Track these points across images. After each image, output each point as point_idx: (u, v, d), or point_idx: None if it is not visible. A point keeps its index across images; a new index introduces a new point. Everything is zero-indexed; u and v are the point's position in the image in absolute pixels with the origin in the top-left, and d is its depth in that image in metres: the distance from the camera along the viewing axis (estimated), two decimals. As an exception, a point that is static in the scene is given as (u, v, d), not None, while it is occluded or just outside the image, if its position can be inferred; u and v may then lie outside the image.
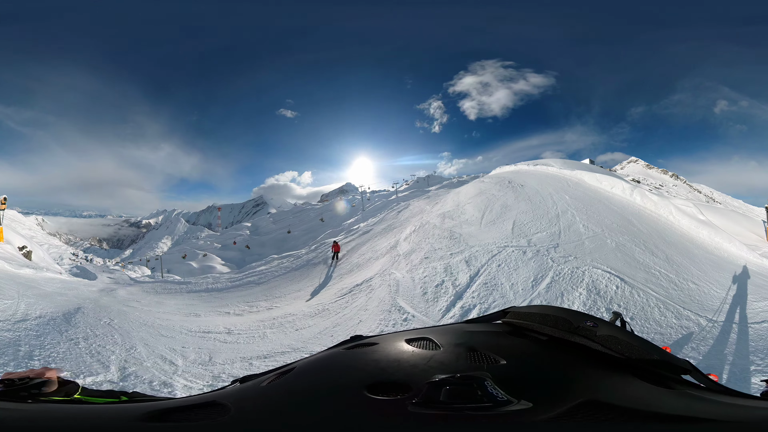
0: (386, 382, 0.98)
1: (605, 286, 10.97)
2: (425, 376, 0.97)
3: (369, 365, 1.12)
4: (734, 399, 1.04)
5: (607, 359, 1.17)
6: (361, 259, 20.49)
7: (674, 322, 9.08)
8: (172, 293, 20.08)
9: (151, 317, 13.95)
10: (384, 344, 1.25)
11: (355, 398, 0.93)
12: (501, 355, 1.10)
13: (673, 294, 10.51)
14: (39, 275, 20.06)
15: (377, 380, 0.99)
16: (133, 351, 10.12)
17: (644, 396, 0.99)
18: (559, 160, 30.48)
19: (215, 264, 60.42)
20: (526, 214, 18.18)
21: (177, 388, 7.98)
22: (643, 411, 0.88)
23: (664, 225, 16.72)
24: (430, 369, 1.04)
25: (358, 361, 1.19)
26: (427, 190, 51.01)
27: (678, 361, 1.22)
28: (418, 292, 12.86)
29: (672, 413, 0.90)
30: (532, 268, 12.75)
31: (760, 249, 15.40)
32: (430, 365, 1.06)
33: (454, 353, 1.14)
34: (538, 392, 0.93)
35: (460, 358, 1.10)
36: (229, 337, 11.93)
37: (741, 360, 7.35)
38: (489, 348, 1.14)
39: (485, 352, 1.12)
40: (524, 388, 0.93)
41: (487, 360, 1.09)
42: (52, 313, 12.33)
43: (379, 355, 1.17)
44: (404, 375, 1.01)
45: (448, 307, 11.47)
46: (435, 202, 28.95)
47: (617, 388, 1.02)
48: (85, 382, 7.46)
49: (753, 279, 11.82)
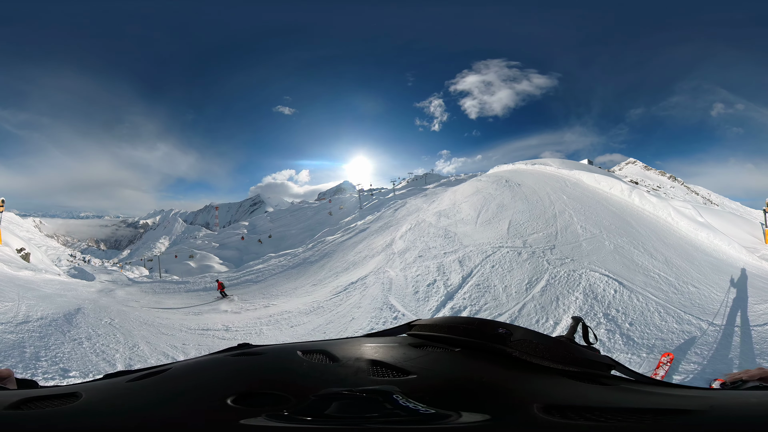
0: (259, 393, 0.90)
1: (603, 290, 10.69)
2: (313, 388, 0.90)
3: (245, 373, 1.06)
4: (671, 390, 1.05)
5: (528, 364, 1.11)
6: (358, 257, 20.47)
7: (676, 327, 8.83)
8: (170, 293, 20.62)
9: (151, 316, 14.26)
10: (272, 354, 1.20)
11: (211, 405, 0.87)
12: (409, 368, 1.00)
13: (673, 298, 10.28)
14: (38, 277, 20.39)
15: (249, 390, 0.92)
16: (136, 349, 10.37)
17: (589, 394, 0.96)
18: (557, 160, 30.39)
19: (213, 263, 60.62)
20: (523, 214, 17.97)
21: None
22: (600, 407, 0.84)
23: (663, 227, 16.56)
24: (322, 382, 0.95)
25: (235, 368, 1.11)
26: (425, 188, 50.86)
27: (601, 358, 1.26)
28: (410, 291, 12.75)
29: (637, 407, 0.87)
30: (527, 270, 12.49)
31: (759, 251, 15.33)
32: (324, 378, 0.98)
33: (353, 367, 1.04)
34: (471, 404, 0.86)
35: (360, 372, 1.01)
36: (227, 334, 12.30)
37: (748, 364, 7.21)
38: (395, 361, 1.05)
39: (391, 364, 1.03)
40: (448, 401, 0.86)
41: (393, 373, 0.99)
42: (53, 315, 12.49)
43: (262, 365, 1.12)
44: (283, 386, 0.93)
45: (438, 307, 11.35)
46: (432, 201, 28.92)
47: (558, 390, 0.97)
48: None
49: (753, 281, 11.72)
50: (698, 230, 15.89)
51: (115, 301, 16.95)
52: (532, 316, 9.89)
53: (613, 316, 9.37)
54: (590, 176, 22.74)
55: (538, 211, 18.02)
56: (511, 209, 19.08)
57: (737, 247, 14.67)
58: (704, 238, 15.40)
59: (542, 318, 9.76)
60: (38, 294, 15.34)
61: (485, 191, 23.46)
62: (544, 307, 10.24)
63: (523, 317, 9.88)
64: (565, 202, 18.72)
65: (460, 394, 0.91)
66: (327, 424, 0.78)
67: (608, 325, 8.97)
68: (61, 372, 8.32)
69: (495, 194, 22.30)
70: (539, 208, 18.53)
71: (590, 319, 9.26)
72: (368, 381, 0.96)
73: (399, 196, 48.04)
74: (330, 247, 26.48)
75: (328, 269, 20.37)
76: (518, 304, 10.59)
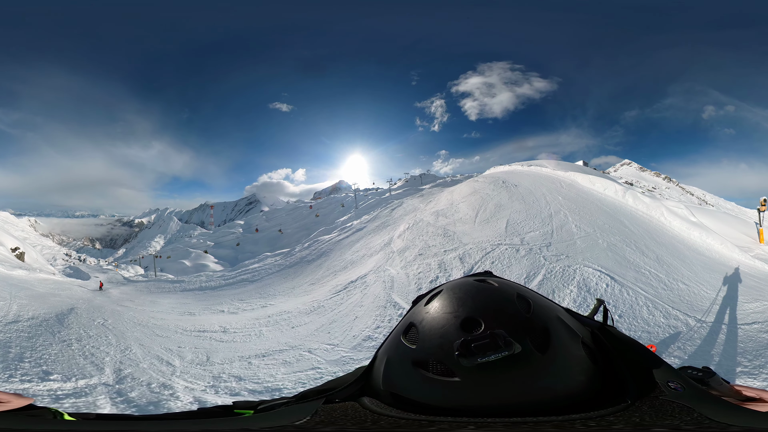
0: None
1: (595, 284, 11.00)
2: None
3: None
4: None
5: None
6: (355, 256, 20.41)
7: (662, 321, 9.05)
8: (165, 292, 20.18)
9: (146, 317, 13.83)
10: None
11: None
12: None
13: (662, 293, 10.48)
14: (32, 276, 20.32)
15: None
16: (128, 352, 9.88)
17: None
18: (552, 162, 30.60)
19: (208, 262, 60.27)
20: (520, 214, 18.22)
21: (178, 390, 7.73)
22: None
23: (656, 226, 16.73)
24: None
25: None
26: (421, 189, 50.94)
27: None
28: (412, 288, 12.89)
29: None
30: (525, 265, 12.81)
31: (753, 251, 15.41)
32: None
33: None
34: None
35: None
36: (225, 336, 11.77)
37: (727, 361, 7.21)
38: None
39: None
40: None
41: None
42: (45, 314, 12.20)
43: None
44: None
45: None
46: (429, 201, 28.96)
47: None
48: (77, 386, 7.48)
49: (744, 281, 11.77)
50: (691, 229, 16.06)
51: (109, 301, 16.63)
52: (531, 306, 10.08)
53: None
54: (585, 177, 22.93)
55: (534, 211, 18.25)
56: (509, 209, 19.31)
57: (730, 246, 14.76)
58: (696, 237, 15.56)
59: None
60: (31, 293, 15.10)
61: (483, 192, 23.67)
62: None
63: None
64: (561, 203, 18.92)
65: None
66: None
67: (598, 316, 9.13)
68: (41, 375, 7.95)
69: (492, 194, 22.51)
70: (535, 208, 18.75)
71: (583, 310, 9.38)
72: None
73: (395, 195, 48.03)
74: (327, 246, 26.36)
75: (326, 268, 20.26)
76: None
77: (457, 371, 0.84)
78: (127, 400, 7.04)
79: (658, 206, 18.09)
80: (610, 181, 21.78)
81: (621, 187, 20.86)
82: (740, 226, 20.54)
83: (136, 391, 7.41)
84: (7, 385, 7.21)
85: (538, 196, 20.40)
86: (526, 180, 24.55)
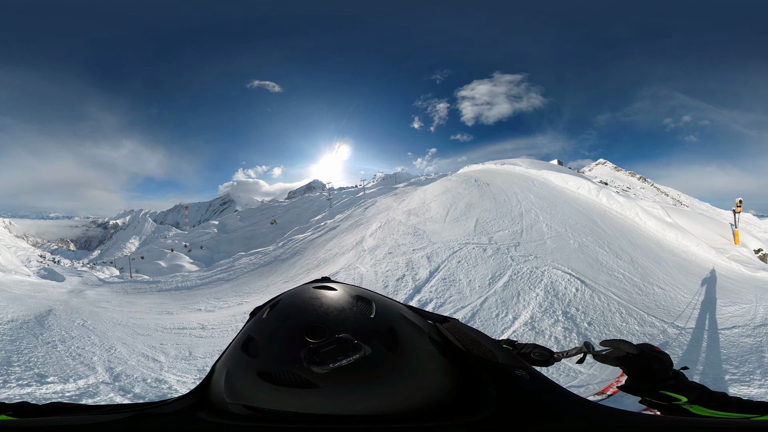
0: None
1: (564, 288, 10.23)
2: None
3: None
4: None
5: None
6: (328, 255, 20.22)
7: (637, 329, 8.32)
8: (142, 293, 20.20)
9: (124, 317, 13.79)
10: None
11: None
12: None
13: (636, 299, 9.82)
14: (7, 278, 20.28)
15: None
16: (113, 351, 9.89)
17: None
18: (526, 160, 30.31)
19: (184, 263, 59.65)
20: (490, 212, 17.87)
21: (171, 383, 7.80)
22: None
23: (630, 227, 16.36)
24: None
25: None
26: (395, 188, 50.70)
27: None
28: (380, 286, 12.58)
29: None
30: (491, 265, 12.26)
31: (728, 252, 15.24)
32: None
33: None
34: None
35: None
36: (204, 332, 11.96)
37: (713, 369, 6.62)
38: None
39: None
40: None
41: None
42: (24, 317, 12.00)
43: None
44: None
45: (406, 300, 10.88)
46: (402, 199, 28.86)
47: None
48: (78, 385, 7.58)
49: (721, 283, 11.46)
50: (666, 230, 15.70)
51: (86, 302, 16.32)
52: (493, 310, 9.58)
53: (572, 314, 8.89)
54: (558, 176, 22.63)
55: (504, 210, 17.92)
56: (479, 207, 19.03)
57: (706, 247, 14.52)
58: (672, 239, 15.23)
59: (502, 312, 9.39)
60: (8, 296, 14.98)
61: (455, 190, 23.55)
62: (505, 301, 9.94)
63: (485, 311, 9.58)
64: (532, 201, 18.61)
65: None
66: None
67: (566, 323, 8.47)
68: (37, 378, 7.84)
69: (464, 193, 22.35)
70: (506, 206, 18.44)
71: (549, 316, 8.85)
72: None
73: (369, 195, 47.71)
74: (300, 245, 26.23)
75: (299, 266, 20.14)
76: (480, 298, 10.26)
77: (311, 379, 0.84)
78: (135, 396, 7.24)
79: (633, 206, 17.67)
80: (584, 180, 21.42)
81: (595, 185, 20.46)
82: (715, 227, 20.54)
83: (136, 387, 7.60)
84: (6, 392, 7.07)
85: (509, 195, 20.07)
86: (498, 178, 24.36)
